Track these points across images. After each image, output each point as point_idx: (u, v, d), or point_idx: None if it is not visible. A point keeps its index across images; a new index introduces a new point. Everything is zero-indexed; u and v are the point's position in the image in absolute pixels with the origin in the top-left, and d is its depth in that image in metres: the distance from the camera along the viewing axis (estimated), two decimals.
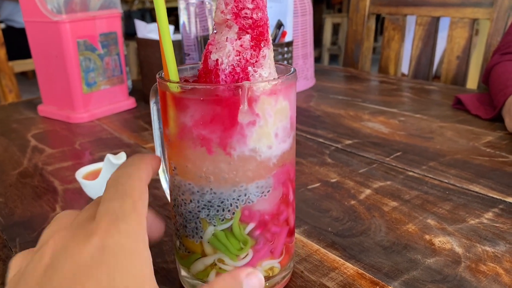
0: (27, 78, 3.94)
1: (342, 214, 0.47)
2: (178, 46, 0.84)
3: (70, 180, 0.57)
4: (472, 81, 1.16)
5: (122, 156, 0.49)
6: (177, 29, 0.92)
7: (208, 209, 0.31)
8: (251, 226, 0.31)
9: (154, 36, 0.88)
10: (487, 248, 0.40)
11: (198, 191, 0.31)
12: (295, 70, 0.32)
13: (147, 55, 0.89)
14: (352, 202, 0.49)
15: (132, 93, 0.96)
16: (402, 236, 0.42)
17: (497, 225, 0.44)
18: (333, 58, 4.64)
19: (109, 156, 0.48)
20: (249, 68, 0.29)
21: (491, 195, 0.50)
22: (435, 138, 0.68)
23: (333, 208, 0.48)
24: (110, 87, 0.86)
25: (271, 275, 0.34)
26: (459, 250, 0.40)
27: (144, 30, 0.91)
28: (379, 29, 3.00)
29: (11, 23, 3.33)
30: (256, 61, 0.29)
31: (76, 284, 0.22)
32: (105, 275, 0.22)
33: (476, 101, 0.82)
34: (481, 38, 1.16)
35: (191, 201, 0.31)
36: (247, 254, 0.32)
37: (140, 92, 0.98)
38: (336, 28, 4.62)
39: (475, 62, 1.18)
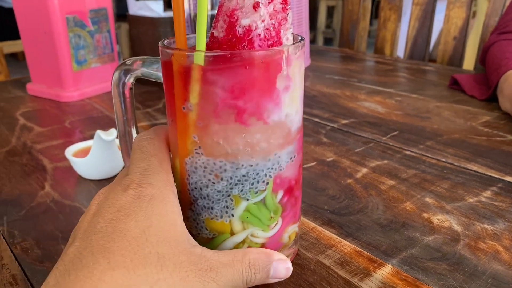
0: (17, 60, 3.87)
1: (339, 192, 0.46)
2: (170, 23, 0.82)
3: (60, 159, 0.56)
4: (469, 63, 1.15)
5: (112, 132, 0.47)
6: (169, 6, 0.90)
7: (242, 184, 0.29)
8: (280, 193, 0.31)
9: (146, 13, 0.86)
10: (486, 226, 0.39)
11: (231, 167, 0.29)
12: (303, 37, 0.31)
13: (139, 33, 0.87)
14: (349, 180, 0.48)
15: None
16: (399, 214, 0.42)
17: (496, 203, 0.43)
18: (328, 41, 4.60)
19: (99, 132, 0.46)
20: (282, 32, 0.28)
21: (489, 174, 0.49)
22: (432, 118, 0.67)
23: (330, 186, 0.47)
24: (100, 65, 0.84)
25: (292, 239, 0.34)
26: (457, 228, 0.39)
27: (135, 7, 0.88)
28: (374, 13, 2.97)
29: (0, 3, 3.26)
30: (285, 24, 0.28)
31: (118, 222, 0.26)
32: (142, 216, 0.26)
33: (472, 81, 0.81)
34: (479, 19, 1.14)
35: (221, 179, 0.29)
36: (277, 223, 0.32)
37: None
38: (330, 11, 4.58)
39: (472, 44, 1.17)
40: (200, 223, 0.31)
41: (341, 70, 1.00)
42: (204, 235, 0.31)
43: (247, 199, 0.30)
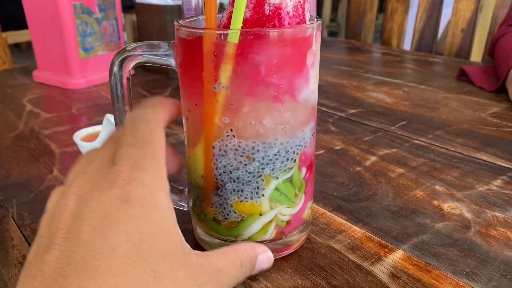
0: (21, 50, 3.87)
1: (348, 179, 0.46)
2: (177, 11, 0.81)
3: (67, 144, 0.56)
4: (476, 55, 1.14)
5: None
6: None
7: (273, 163, 0.30)
8: (304, 170, 0.32)
9: (153, 1, 0.85)
10: (497, 214, 0.39)
11: (263, 147, 0.29)
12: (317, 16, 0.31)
13: (145, 21, 0.86)
14: (358, 168, 0.48)
15: None
16: (409, 201, 0.41)
17: (507, 192, 0.43)
18: (332, 35, 4.58)
19: (108, 116, 0.46)
20: (306, 9, 0.29)
21: (499, 163, 0.49)
22: (440, 108, 0.67)
23: (338, 174, 0.47)
24: (107, 52, 0.83)
25: (309, 215, 0.35)
26: (468, 215, 0.39)
27: None
28: (379, 7, 2.95)
29: None
30: (307, 1, 0.29)
31: (105, 233, 0.22)
32: (134, 228, 0.22)
33: (481, 73, 0.80)
34: (487, 11, 1.13)
35: (253, 160, 0.29)
36: (300, 199, 0.33)
37: None
38: (335, 4, 4.55)
39: (479, 36, 1.16)
40: (228, 207, 0.31)
41: (348, 61, 0.99)
42: (233, 218, 0.31)
43: (277, 178, 0.30)
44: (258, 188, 0.30)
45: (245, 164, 0.29)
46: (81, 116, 0.66)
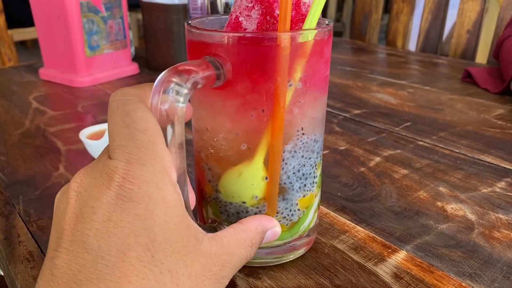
0: (26, 48, 3.89)
1: (352, 180, 0.46)
2: (183, 10, 0.82)
3: (73, 141, 0.56)
4: (482, 57, 1.14)
5: None
6: None
7: (320, 149, 0.32)
8: None
9: (159, 0, 0.85)
10: (501, 216, 0.39)
11: (320, 137, 0.31)
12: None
13: (151, 20, 0.86)
14: (362, 169, 0.48)
15: (134, 60, 0.94)
16: (413, 202, 0.42)
17: (511, 193, 0.43)
18: (337, 35, 4.57)
19: None
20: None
21: (503, 165, 0.49)
22: (445, 110, 0.67)
23: (343, 174, 0.47)
24: (113, 51, 0.84)
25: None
26: (472, 217, 0.39)
27: None
28: (384, 7, 2.94)
29: None
30: None
31: (112, 237, 0.21)
32: (142, 229, 0.21)
33: (486, 75, 0.80)
34: (492, 13, 1.13)
35: (313, 152, 0.31)
36: None
37: (143, 59, 0.96)
38: (340, 4, 4.54)
39: (485, 37, 1.16)
40: (294, 207, 0.31)
41: (353, 62, 0.99)
42: (296, 217, 0.32)
43: (321, 162, 0.33)
44: (314, 177, 0.32)
45: (310, 158, 0.31)
46: (87, 114, 0.67)
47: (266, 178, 0.29)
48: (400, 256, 0.34)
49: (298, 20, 0.28)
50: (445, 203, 0.41)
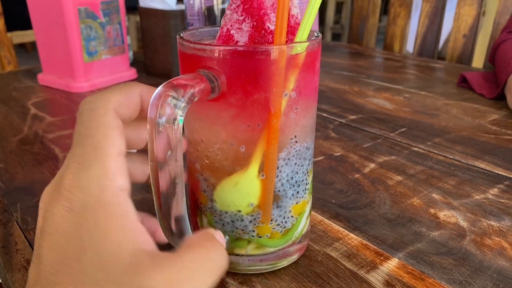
0: (26, 51, 3.89)
1: (346, 186, 0.46)
2: (181, 16, 0.82)
3: None
4: (478, 61, 1.15)
5: None
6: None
7: (312, 156, 0.33)
8: None
9: (157, 5, 0.86)
10: (492, 223, 0.40)
11: (311, 144, 0.32)
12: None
13: (150, 25, 0.87)
14: (356, 175, 0.49)
15: (132, 64, 0.95)
16: (406, 209, 0.42)
17: (503, 200, 0.43)
18: (336, 37, 4.59)
19: None
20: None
21: (496, 171, 0.49)
22: (440, 115, 0.67)
23: (337, 181, 0.48)
24: (111, 56, 0.84)
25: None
26: (464, 224, 0.40)
27: None
28: (383, 9, 2.96)
29: None
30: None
31: (61, 251, 0.22)
32: (85, 238, 0.22)
33: (481, 79, 0.81)
34: (489, 17, 1.14)
35: (305, 159, 0.32)
36: None
37: (141, 63, 0.96)
38: (339, 6, 4.56)
39: (481, 42, 1.16)
40: (287, 214, 0.32)
41: (350, 66, 1.00)
42: (289, 224, 0.32)
43: (312, 169, 0.33)
44: (306, 183, 0.33)
45: (302, 165, 0.31)
46: None
47: (261, 186, 0.30)
48: (392, 264, 0.34)
49: (287, 32, 0.29)
50: (438, 210, 0.42)
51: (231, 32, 0.29)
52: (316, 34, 0.31)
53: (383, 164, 0.51)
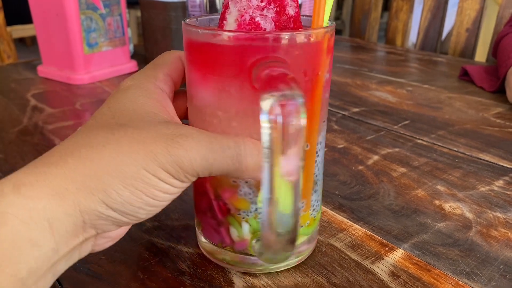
0: (26, 45, 3.88)
1: (350, 178, 0.46)
2: (181, 7, 0.81)
3: None
4: (481, 55, 1.14)
5: None
6: None
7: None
8: None
9: None
10: (498, 214, 0.39)
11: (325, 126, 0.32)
12: None
13: (150, 17, 0.86)
14: (360, 167, 0.48)
15: (133, 57, 0.94)
16: (411, 200, 0.42)
17: (509, 192, 0.43)
18: (337, 33, 4.56)
19: None
20: None
21: (501, 164, 0.49)
22: (443, 108, 0.67)
23: (340, 172, 0.47)
24: (111, 48, 0.84)
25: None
26: (469, 215, 0.39)
27: None
28: (384, 4, 2.94)
29: None
30: None
31: (98, 115, 0.28)
32: (114, 103, 0.28)
33: (482, 73, 0.80)
34: (492, 11, 1.13)
35: (320, 143, 0.31)
36: None
37: (142, 56, 0.95)
38: (340, 2, 4.54)
39: (484, 36, 1.16)
40: (319, 197, 0.33)
41: (352, 60, 0.99)
42: (319, 207, 0.33)
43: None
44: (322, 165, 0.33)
45: (325, 149, 0.32)
46: (85, 111, 0.67)
47: (304, 173, 0.30)
48: (397, 255, 0.34)
49: (291, 21, 0.28)
50: (443, 201, 0.41)
51: (256, 19, 0.27)
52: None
53: (387, 156, 0.51)
